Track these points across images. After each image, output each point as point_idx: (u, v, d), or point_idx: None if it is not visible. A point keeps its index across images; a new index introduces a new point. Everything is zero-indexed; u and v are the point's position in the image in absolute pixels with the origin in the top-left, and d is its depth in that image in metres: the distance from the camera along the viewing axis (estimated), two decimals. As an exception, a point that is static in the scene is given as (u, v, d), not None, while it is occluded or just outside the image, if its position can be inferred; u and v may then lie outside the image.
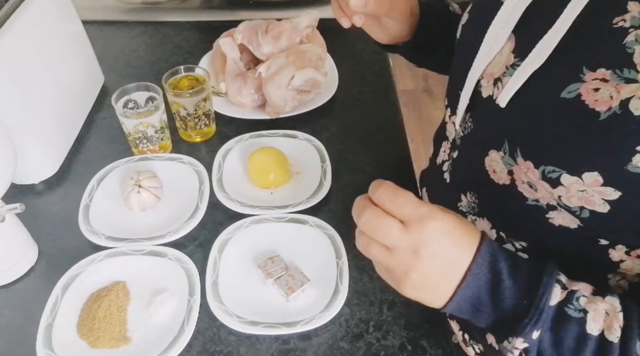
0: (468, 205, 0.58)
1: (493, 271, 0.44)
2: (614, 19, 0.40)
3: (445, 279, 0.44)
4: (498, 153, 0.50)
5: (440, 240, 0.43)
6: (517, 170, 0.48)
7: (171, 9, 1.17)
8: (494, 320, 0.45)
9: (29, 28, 0.74)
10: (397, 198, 0.44)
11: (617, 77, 0.40)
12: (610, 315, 0.43)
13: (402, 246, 0.43)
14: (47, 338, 0.60)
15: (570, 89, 0.42)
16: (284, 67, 0.85)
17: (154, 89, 0.80)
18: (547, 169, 0.44)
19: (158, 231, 0.71)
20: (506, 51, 0.49)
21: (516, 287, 0.43)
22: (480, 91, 0.52)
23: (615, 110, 0.39)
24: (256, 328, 0.60)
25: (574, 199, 0.44)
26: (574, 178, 0.43)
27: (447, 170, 0.63)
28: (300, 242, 0.69)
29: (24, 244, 0.69)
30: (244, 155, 0.80)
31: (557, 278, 0.45)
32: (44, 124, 0.78)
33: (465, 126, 0.57)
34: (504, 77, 0.48)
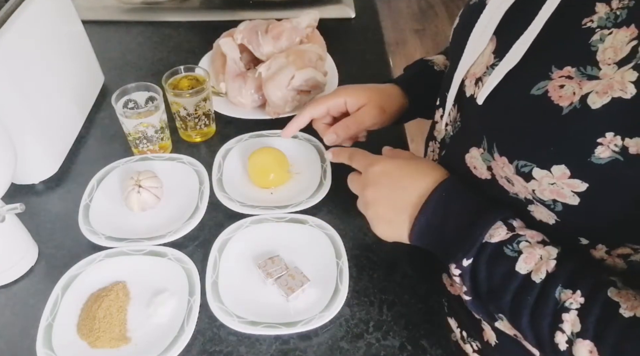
0: None
1: (443, 209, 0.53)
2: (583, 19, 0.42)
3: (396, 213, 0.56)
4: (478, 150, 0.52)
5: (382, 178, 0.58)
6: (495, 165, 0.50)
7: (171, 9, 1.17)
8: (443, 248, 0.53)
9: (29, 28, 0.74)
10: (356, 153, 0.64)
11: (581, 74, 0.41)
12: (542, 260, 0.47)
13: (358, 189, 0.62)
14: (47, 338, 0.60)
15: (539, 86, 0.44)
16: (284, 67, 0.85)
17: (154, 89, 0.80)
18: (520, 164, 0.46)
19: (158, 231, 0.71)
20: (488, 52, 0.51)
21: (461, 224, 0.51)
22: (465, 91, 0.54)
23: (575, 104, 0.41)
24: (256, 328, 0.60)
25: (546, 192, 0.46)
26: (544, 172, 0.44)
27: None
28: (300, 242, 0.69)
29: (24, 244, 0.69)
30: (244, 155, 0.80)
31: (509, 222, 0.50)
32: (44, 124, 0.78)
33: (455, 125, 0.58)
34: (484, 77, 0.50)
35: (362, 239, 0.71)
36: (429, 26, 2.89)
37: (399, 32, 2.84)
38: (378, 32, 1.12)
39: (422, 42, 2.77)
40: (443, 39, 2.78)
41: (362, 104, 0.72)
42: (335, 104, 0.72)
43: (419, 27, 2.89)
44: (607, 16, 0.41)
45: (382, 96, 0.73)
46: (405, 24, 2.91)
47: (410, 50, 2.70)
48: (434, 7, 3.04)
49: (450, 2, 3.06)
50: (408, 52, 2.69)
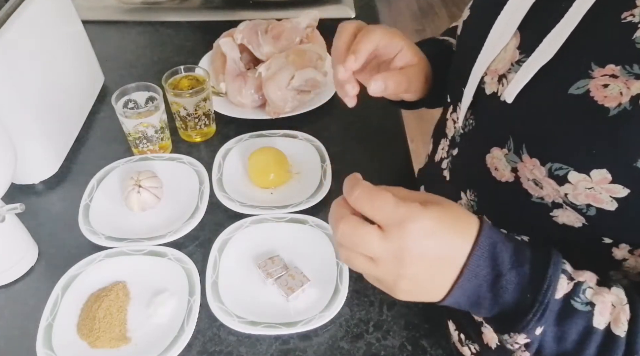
0: (467, 203, 0.58)
1: (493, 263, 0.42)
2: (623, 13, 0.40)
3: (437, 280, 0.42)
4: (501, 150, 0.49)
5: (423, 242, 0.40)
6: (522, 167, 0.47)
7: (171, 9, 1.17)
8: (495, 313, 0.44)
9: (29, 28, 0.74)
10: (373, 201, 0.41)
11: (627, 73, 0.39)
12: (617, 308, 0.42)
13: (385, 255, 0.40)
14: (47, 338, 0.60)
15: (579, 86, 0.41)
16: (284, 67, 0.85)
17: (154, 89, 0.80)
18: (554, 167, 0.44)
19: (158, 231, 0.71)
20: (511, 47, 0.48)
21: (519, 279, 0.42)
22: (484, 88, 0.52)
23: (625, 106, 0.39)
24: (256, 328, 0.60)
25: (581, 196, 0.43)
26: (582, 175, 0.42)
27: (446, 168, 0.62)
28: (300, 242, 0.69)
29: (24, 244, 0.69)
30: (244, 155, 0.80)
31: (563, 268, 0.43)
32: (44, 124, 0.78)
33: (466, 123, 0.56)
34: (509, 74, 0.48)
35: (362, 239, 0.71)
36: (429, 26, 2.89)
37: (399, 32, 2.84)
38: (378, 32, 1.11)
39: (422, 42, 2.76)
40: (443, 39, 2.78)
41: (413, 63, 0.61)
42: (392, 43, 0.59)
43: (419, 27, 2.89)
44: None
45: (427, 66, 0.64)
46: (405, 24, 2.91)
47: (410, 50, 2.70)
48: (434, 7, 3.04)
49: (450, 2, 3.06)
50: (408, 52, 2.69)
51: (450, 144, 0.61)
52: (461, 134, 0.57)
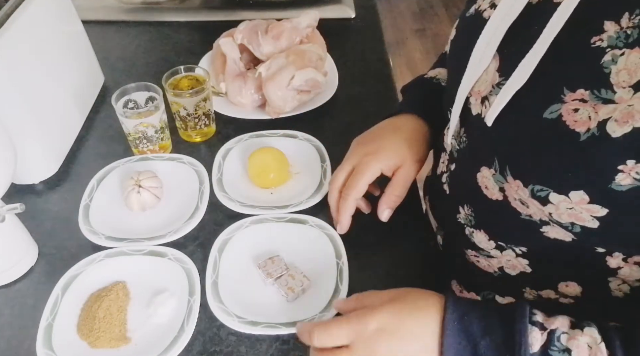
0: (465, 217, 0.59)
1: (466, 336, 0.45)
2: (592, 38, 0.40)
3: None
4: (489, 170, 0.50)
5: (391, 341, 0.46)
6: (508, 188, 0.48)
7: (171, 9, 1.17)
8: None
9: (29, 28, 0.74)
10: (330, 333, 0.49)
11: (595, 97, 0.40)
12: (592, 348, 0.43)
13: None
14: (47, 338, 0.60)
15: (552, 110, 0.42)
16: (284, 67, 0.85)
17: (154, 89, 0.80)
18: (536, 188, 0.45)
19: (158, 231, 0.71)
20: (492, 70, 0.49)
21: (494, 344, 0.44)
22: (470, 108, 0.52)
23: (593, 131, 0.39)
24: (256, 328, 0.60)
25: (564, 216, 0.44)
26: (562, 197, 0.43)
27: (445, 182, 0.63)
28: (300, 242, 0.69)
29: (24, 244, 0.68)
30: (244, 155, 0.80)
31: (533, 319, 0.45)
32: (44, 124, 0.78)
33: (460, 140, 0.57)
34: (491, 96, 0.48)
35: (362, 239, 0.71)
36: (429, 26, 2.89)
37: (399, 32, 2.84)
38: (378, 32, 1.12)
39: (422, 42, 2.77)
40: (443, 39, 2.78)
41: (398, 166, 0.67)
42: (373, 177, 0.67)
43: (419, 27, 2.89)
44: (617, 35, 0.39)
45: (412, 147, 0.67)
46: (405, 24, 2.91)
47: (410, 51, 2.70)
48: (434, 7, 3.04)
49: (450, 2, 3.06)
50: (408, 52, 2.69)
51: (449, 159, 0.62)
52: (457, 150, 0.58)
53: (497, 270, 0.59)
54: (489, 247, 0.57)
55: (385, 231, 0.72)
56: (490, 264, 0.59)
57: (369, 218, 0.73)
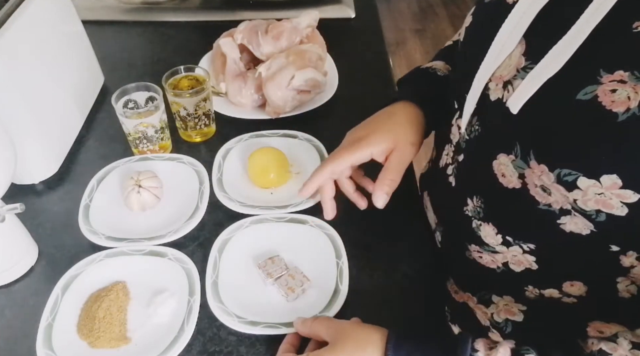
0: (474, 209, 0.58)
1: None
2: (635, 23, 0.40)
3: None
4: (508, 157, 0.49)
5: None
6: (530, 174, 0.47)
7: (171, 9, 1.17)
8: None
9: (29, 28, 0.74)
10: None
11: (635, 78, 0.39)
12: None
13: None
14: (47, 338, 0.60)
15: (587, 91, 0.41)
16: (284, 67, 0.85)
17: (154, 89, 0.80)
18: (563, 172, 0.44)
19: (158, 231, 0.71)
20: (516, 54, 0.48)
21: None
22: (488, 94, 0.51)
23: (634, 111, 0.39)
24: (256, 328, 0.60)
25: (591, 202, 0.44)
26: (592, 181, 0.42)
27: (452, 174, 0.62)
28: (300, 242, 0.69)
29: (24, 244, 0.69)
30: (244, 155, 0.80)
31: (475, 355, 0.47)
32: (44, 124, 0.78)
33: (471, 129, 0.56)
34: (515, 80, 0.48)
35: (362, 239, 0.71)
36: (429, 26, 2.89)
37: (399, 32, 2.84)
38: (378, 32, 1.12)
39: (422, 42, 2.77)
40: (443, 39, 2.78)
41: (390, 149, 0.65)
42: (360, 158, 0.66)
43: (419, 27, 2.89)
44: None
45: (406, 130, 0.67)
46: (405, 24, 2.91)
47: (410, 51, 2.70)
48: (434, 7, 3.04)
49: (450, 2, 3.06)
50: (408, 52, 2.69)
51: (455, 150, 0.61)
52: (466, 140, 0.57)
53: (501, 266, 0.58)
54: (495, 242, 0.56)
55: (385, 231, 0.72)
56: (494, 260, 0.58)
57: (369, 218, 0.73)
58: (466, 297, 0.66)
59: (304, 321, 0.58)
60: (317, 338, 0.56)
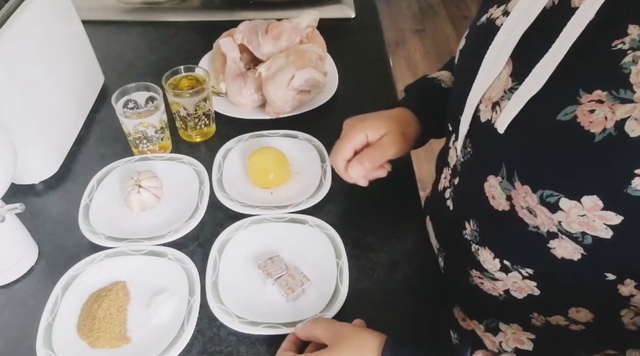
0: (471, 233, 0.57)
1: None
2: (613, 41, 0.40)
3: None
4: (496, 178, 0.49)
5: None
6: (516, 195, 0.47)
7: (171, 9, 1.17)
8: None
9: (29, 28, 0.74)
10: None
11: (613, 97, 0.39)
12: None
13: None
14: (47, 338, 0.60)
15: (567, 112, 0.41)
16: (284, 67, 0.85)
17: (154, 89, 0.80)
18: (545, 193, 0.43)
19: (158, 231, 0.71)
20: (504, 75, 0.48)
21: None
22: (479, 116, 0.52)
23: (610, 131, 0.39)
24: (256, 328, 0.60)
25: (575, 224, 0.43)
26: (573, 202, 0.42)
27: (449, 197, 0.62)
28: (300, 242, 0.69)
29: (24, 244, 0.69)
30: (244, 155, 0.80)
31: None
32: (44, 124, 0.78)
33: (465, 151, 0.56)
34: (502, 101, 0.48)
35: (362, 239, 0.71)
36: (429, 26, 2.89)
37: (399, 32, 2.84)
38: (378, 32, 1.12)
39: (422, 42, 2.76)
40: (443, 39, 2.78)
41: (383, 133, 0.68)
42: (359, 141, 0.68)
43: (419, 27, 2.89)
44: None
45: (401, 123, 0.70)
46: (405, 24, 2.91)
47: (410, 51, 2.70)
48: (434, 7, 3.04)
49: (450, 2, 3.06)
50: (408, 52, 2.69)
51: (452, 173, 0.61)
52: (461, 162, 0.57)
53: (503, 293, 0.57)
54: (494, 268, 0.55)
55: (385, 231, 0.72)
56: (495, 287, 0.57)
57: (369, 218, 0.73)
58: (473, 325, 0.65)
59: (304, 325, 0.58)
60: (316, 341, 0.56)
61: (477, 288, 0.60)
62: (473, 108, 0.52)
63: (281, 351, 0.57)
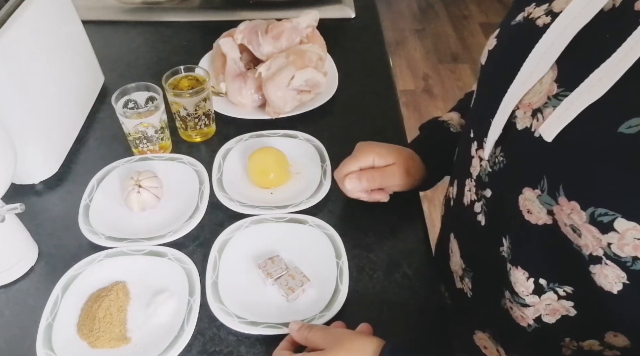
0: (507, 250, 0.53)
1: None
2: None
3: None
4: (534, 191, 0.45)
5: None
6: (559, 211, 0.43)
7: (171, 9, 1.17)
8: None
9: (29, 28, 0.74)
10: None
11: None
12: None
13: None
14: (47, 338, 0.60)
15: (631, 124, 0.37)
16: (284, 67, 0.85)
17: (154, 89, 0.80)
18: (598, 212, 0.40)
19: (158, 231, 0.71)
20: (547, 80, 0.45)
21: None
22: (515, 123, 0.48)
23: None
24: (256, 328, 0.60)
25: (628, 247, 0.40)
26: (631, 224, 0.38)
27: (480, 211, 0.56)
28: (300, 242, 0.69)
29: (24, 244, 0.69)
30: (244, 155, 0.80)
31: None
32: (44, 124, 0.78)
33: (494, 160, 0.51)
34: (545, 108, 0.44)
35: (362, 239, 0.71)
36: (429, 26, 2.89)
37: (399, 32, 2.84)
38: (378, 32, 1.12)
39: (422, 42, 2.77)
40: (443, 39, 2.79)
41: (390, 163, 0.70)
42: (365, 162, 0.70)
43: (419, 27, 2.89)
44: None
45: (408, 159, 0.71)
46: (405, 24, 2.91)
47: (410, 51, 2.70)
48: (434, 7, 3.04)
49: (450, 2, 3.07)
50: (408, 52, 2.69)
51: (477, 185, 0.56)
52: (489, 172, 0.53)
53: (532, 322, 0.53)
54: (526, 291, 0.51)
55: (385, 231, 0.72)
56: (524, 316, 0.53)
57: (369, 218, 0.73)
58: (497, 354, 0.62)
59: (299, 327, 0.57)
60: (314, 347, 0.55)
61: (508, 313, 0.56)
62: (508, 114, 0.48)
63: (278, 350, 0.57)
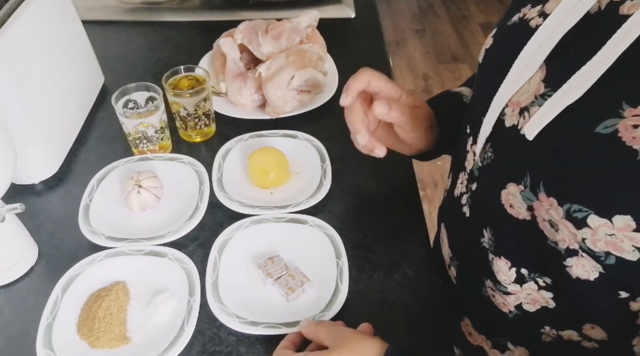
0: (488, 241, 0.55)
1: None
2: None
3: None
4: (517, 187, 0.47)
5: None
6: (538, 206, 0.45)
7: (171, 9, 1.17)
8: None
9: (29, 28, 0.74)
10: None
11: None
12: None
13: None
14: (47, 338, 0.60)
15: (607, 125, 0.39)
16: (284, 67, 0.85)
17: (154, 89, 0.80)
18: (573, 208, 0.41)
19: (158, 231, 0.71)
20: (536, 80, 0.46)
21: None
22: (504, 120, 0.49)
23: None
24: (256, 329, 0.60)
25: (600, 243, 0.41)
26: (603, 220, 0.40)
27: (466, 203, 0.59)
28: (300, 242, 0.69)
29: (24, 244, 0.69)
30: (244, 155, 0.80)
31: None
32: (44, 124, 0.78)
33: (484, 155, 0.53)
34: (532, 107, 0.45)
35: (362, 239, 0.71)
36: (429, 26, 2.89)
37: (399, 32, 2.84)
38: (378, 32, 1.12)
39: (422, 42, 2.77)
40: (443, 39, 2.79)
41: (398, 94, 0.66)
42: (376, 76, 0.67)
43: (419, 27, 2.89)
44: None
45: (416, 99, 0.68)
46: (405, 24, 2.91)
47: (410, 51, 2.70)
48: (434, 7, 3.04)
49: (450, 2, 3.07)
50: (408, 52, 2.69)
51: (469, 178, 0.58)
52: (479, 167, 0.54)
53: (514, 309, 0.54)
54: (508, 280, 0.53)
55: (385, 231, 0.72)
56: (505, 303, 0.55)
57: (369, 218, 0.73)
58: (480, 340, 0.63)
59: (310, 323, 0.58)
60: (318, 342, 0.56)
61: (490, 301, 0.58)
62: (498, 111, 0.50)
63: (279, 349, 0.57)
